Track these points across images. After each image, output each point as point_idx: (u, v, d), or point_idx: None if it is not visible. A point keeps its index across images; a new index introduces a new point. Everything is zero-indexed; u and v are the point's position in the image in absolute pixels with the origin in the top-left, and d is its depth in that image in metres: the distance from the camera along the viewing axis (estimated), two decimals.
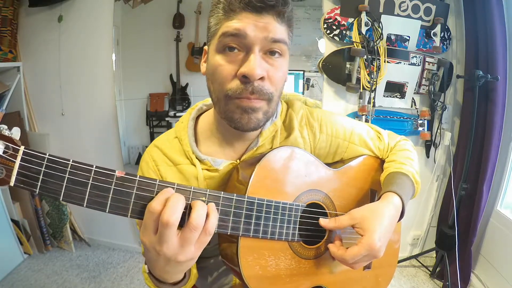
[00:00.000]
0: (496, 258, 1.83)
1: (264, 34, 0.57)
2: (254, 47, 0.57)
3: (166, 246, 0.48)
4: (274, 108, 0.65)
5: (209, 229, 0.50)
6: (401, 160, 0.78)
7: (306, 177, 0.67)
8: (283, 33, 0.60)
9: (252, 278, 0.59)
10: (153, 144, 0.75)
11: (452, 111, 2.02)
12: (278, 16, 0.58)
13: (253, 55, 0.57)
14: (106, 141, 2.15)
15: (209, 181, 0.69)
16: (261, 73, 0.58)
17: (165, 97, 2.16)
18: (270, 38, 0.58)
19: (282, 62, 0.62)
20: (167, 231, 0.47)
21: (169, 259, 0.49)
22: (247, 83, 0.58)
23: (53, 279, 1.99)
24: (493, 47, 1.67)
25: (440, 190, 2.15)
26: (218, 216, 0.53)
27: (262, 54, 0.59)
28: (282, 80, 0.63)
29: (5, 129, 0.43)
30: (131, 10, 2.06)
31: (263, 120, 0.63)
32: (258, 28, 0.57)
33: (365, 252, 0.60)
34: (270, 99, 0.61)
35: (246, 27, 0.56)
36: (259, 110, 0.61)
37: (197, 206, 0.49)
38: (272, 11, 0.57)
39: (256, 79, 0.58)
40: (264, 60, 0.59)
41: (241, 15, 0.57)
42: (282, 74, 0.62)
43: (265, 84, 0.60)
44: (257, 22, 0.57)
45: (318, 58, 1.89)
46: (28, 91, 2.18)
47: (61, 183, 0.44)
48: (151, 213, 0.47)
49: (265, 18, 0.57)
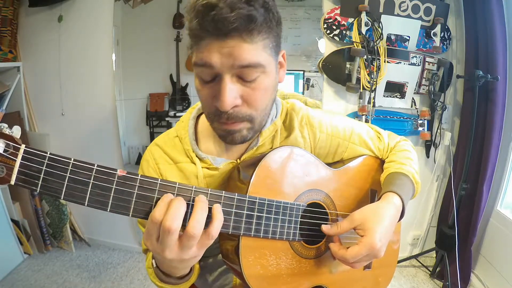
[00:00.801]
0: (496, 258, 1.83)
1: (230, 61, 0.53)
2: (223, 75, 0.54)
3: (168, 250, 0.48)
4: (262, 121, 0.64)
5: (212, 233, 0.50)
6: (401, 161, 0.78)
7: (306, 177, 0.67)
8: (255, 53, 0.54)
9: (253, 277, 0.59)
10: (154, 142, 0.75)
11: (452, 111, 2.02)
12: (247, 36, 0.52)
13: (223, 85, 0.54)
14: (106, 141, 2.15)
15: (209, 180, 0.69)
16: (233, 104, 0.56)
17: (165, 97, 2.16)
18: (237, 66, 0.53)
19: (261, 80, 0.57)
20: (168, 238, 0.47)
21: (173, 260, 0.50)
22: (221, 112, 0.57)
23: (53, 279, 1.99)
24: (493, 47, 1.67)
25: (440, 190, 2.15)
26: (222, 219, 0.52)
27: (236, 79, 0.56)
28: (264, 96, 0.60)
29: (6, 128, 0.43)
30: (131, 10, 2.06)
31: (249, 135, 0.63)
32: (224, 56, 0.52)
33: (366, 251, 0.60)
34: (250, 119, 0.60)
35: (211, 56, 0.53)
36: (241, 130, 0.61)
37: (196, 213, 0.49)
38: (236, 33, 0.51)
39: (228, 110, 0.56)
40: (239, 83, 0.56)
41: (206, 42, 0.53)
42: (263, 91, 0.59)
43: (241, 109, 0.58)
44: (221, 49, 0.52)
45: (318, 58, 1.89)
46: (28, 91, 2.18)
47: (62, 182, 0.44)
48: (154, 223, 0.47)
49: (229, 42, 0.52)
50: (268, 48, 0.56)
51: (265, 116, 0.64)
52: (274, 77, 0.61)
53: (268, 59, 0.57)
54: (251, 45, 0.53)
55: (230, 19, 0.49)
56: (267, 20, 0.54)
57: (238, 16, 0.49)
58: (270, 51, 0.57)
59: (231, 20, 0.49)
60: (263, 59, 0.55)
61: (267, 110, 0.63)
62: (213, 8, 0.49)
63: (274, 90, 0.63)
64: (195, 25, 0.52)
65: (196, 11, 0.51)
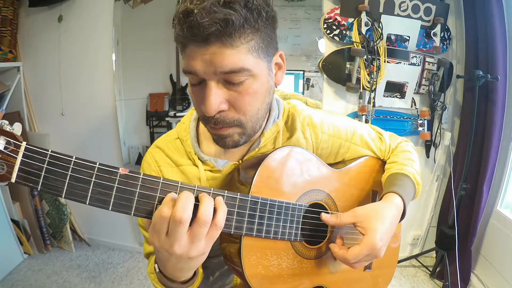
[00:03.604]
0: (496, 258, 1.83)
1: (212, 68, 0.52)
2: (208, 82, 0.54)
3: (178, 244, 0.48)
4: (254, 126, 0.62)
5: (219, 222, 0.50)
6: (403, 161, 0.78)
7: (308, 177, 0.67)
8: (238, 58, 0.52)
9: (254, 277, 0.59)
10: (155, 145, 0.74)
11: (452, 111, 2.02)
12: (227, 40, 0.50)
13: (207, 91, 0.54)
14: (106, 141, 2.15)
15: (212, 182, 0.69)
16: (217, 109, 0.55)
17: (165, 97, 2.16)
18: (220, 72, 0.52)
19: (248, 84, 0.55)
20: (179, 229, 0.46)
21: (181, 256, 0.49)
22: (208, 117, 0.57)
23: (53, 279, 1.99)
24: (493, 47, 1.68)
25: (440, 190, 2.15)
26: (226, 209, 0.52)
27: (222, 83, 0.55)
28: (253, 100, 0.58)
29: (7, 125, 0.42)
30: (131, 10, 2.06)
31: (241, 140, 0.62)
32: (205, 63, 0.52)
33: (367, 252, 0.60)
34: (240, 124, 0.59)
35: (194, 64, 0.53)
36: (232, 134, 0.60)
37: (204, 201, 0.49)
38: (215, 38, 0.50)
39: (214, 115, 0.56)
40: (225, 88, 0.55)
41: (190, 49, 0.53)
42: (252, 95, 0.57)
43: (228, 114, 0.57)
44: (203, 56, 0.51)
45: (318, 58, 1.89)
46: (28, 91, 2.18)
47: (63, 180, 0.44)
48: (163, 217, 0.47)
49: (210, 48, 0.51)
50: (253, 50, 0.54)
51: (257, 120, 0.62)
52: (265, 79, 0.58)
53: (256, 62, 0.55)
54: (232, 50, 0.51)
55: (205, 24, 0.48)
56: (251, 21, 0.51)
57: (213, 21, 0.48)
58: (257, 53, 0.54)
59: (206, 25, 0.48)
60: (248, 63, 0.53)
61: (260, 114, 0.61)
62: (190, 14, 0.49)
63: (268, 93, 0.61)
64: (178, 32, 0.52)
65: (178, 18, 0.51)
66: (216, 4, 0.48)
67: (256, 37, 0.54)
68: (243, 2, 0.50)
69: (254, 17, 0.52)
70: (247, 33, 0.52)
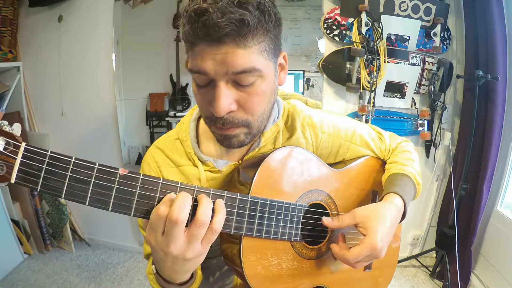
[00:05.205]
0: (496, 258, 1.83)
1: (224, 69, 0.52)
2: (218, 82, 0.54)
3: (174, 244, 0.47)
4: (260, 125, 0.63)
5: (215, 226, 0.49)
6: (403, 162, 0.78)
7: (308, 177, 0.67)
8: (250, 59, 0.52)
9: (254, 277, 0.59)
10: (155, 145, 0.74)
11: (452, 111, 2.02)
12: (240, 41, 0.51)
13: (218, 91, 0.54)
14: (106, 141, 2.15)
15: (212, 183, 0.69)
16: (227, 110, 0.55)
17: (165, 97, 2.15)
18: (231, 72, 0.52)
19: (258, 85, 0.56)
20: (175, 229, 0.46)
21: (177, 257, 0.49)
22: (216, 118, 0.57)
23: (53, 279, 1.99)
24: (493, 47, 1.67)
25: (440, 190, 2.15)
26: (225, 213, 0.52)
27: (231, 84, 0.55)
28: (261, 101, 0.59)
29: (6, 125, 0.42)
30: (131, 10, 2.06)
31: (247, 139, 0.62)
32: (217, 62, 0.51)
33: (367, 252, 0.60)
34: (247, 124, 0.59)
35: (205, 63, 0.52)
36: (238, 135, 0.60)
37: (203, 202, 0.49)
38: (229, 38, 0.50)
39: (223, 116, 0.56)
40: (234, 88, 0.55)
41: (199, 48, 0.52)
42: (260, 95, 0.57)
43: (237, 114, 0.57)
44: (215, 55, 0.51)
45: (318, 58, 1.89)
46: (28, 91, 2.18)
47: (63, 180, 0.44)
48: (160, 216, 0.47)
49: (223, 48, 0.50)
50: (264, 51, 0.54)
51: (263, 120, 0.63)
52: (272, 80, 0.59)
53: (265, 62, 0.55)
54: (245, 50, 0.51)
55: (221, 24, 0.48)
56: (263, 23, 0.52)
57: (229, 21, 0.48)
58: (267, 55, 0.55)
59: (222, 25, 0.48)
60: (259, 63, 0.54)
61: (265, 114, 0.62)
62: (204, 13, 0.48)
63: (273, 93, 0.62)
64: (187, 31, 0.51)
65: (188, 16, 0.50)
66: (231, 4, 0.48)
67: (266, 38, 0.54)
68: (256, 3, 0.50)
69: (266, 18, 0.52)
70: (259, 34, 0.52)
